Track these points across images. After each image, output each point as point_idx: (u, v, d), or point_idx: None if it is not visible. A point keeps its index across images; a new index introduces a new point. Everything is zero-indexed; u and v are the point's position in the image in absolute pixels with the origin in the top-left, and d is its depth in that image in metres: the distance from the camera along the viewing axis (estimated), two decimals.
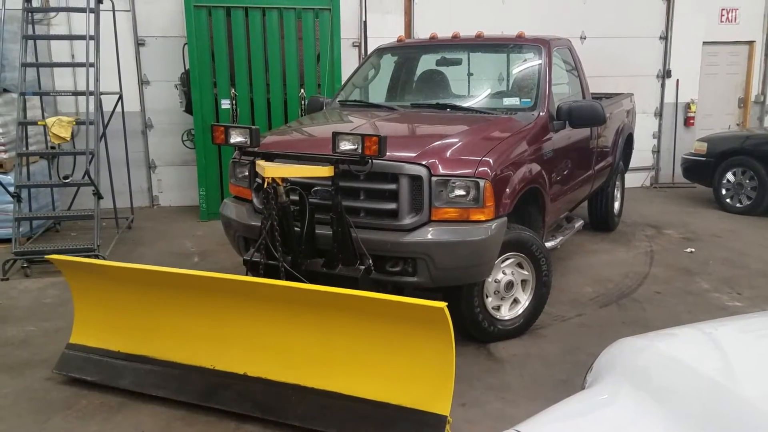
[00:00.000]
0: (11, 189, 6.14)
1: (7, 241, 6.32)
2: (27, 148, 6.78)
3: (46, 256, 3.94)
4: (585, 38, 9.53)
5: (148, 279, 3.65)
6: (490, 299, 4.27)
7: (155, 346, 3.68)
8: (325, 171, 3.71)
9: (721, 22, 10.20)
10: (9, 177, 6.51)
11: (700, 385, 1.82)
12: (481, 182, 3.81)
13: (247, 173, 4.45)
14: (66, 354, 3.88)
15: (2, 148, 6.68)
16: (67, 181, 6.56)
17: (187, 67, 7.79)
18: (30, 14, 6.75)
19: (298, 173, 3.75)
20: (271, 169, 3.63)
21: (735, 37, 10.34)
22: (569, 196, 5.44)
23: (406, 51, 6.09)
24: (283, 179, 3.70)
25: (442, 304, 2.84)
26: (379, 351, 3.14)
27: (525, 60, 5.41)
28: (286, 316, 3.33)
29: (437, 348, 2.97)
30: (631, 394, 1.87)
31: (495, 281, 4.26)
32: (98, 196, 6.20)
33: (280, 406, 3.31)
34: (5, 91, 6.75)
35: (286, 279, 3.66)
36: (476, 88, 5.85)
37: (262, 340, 3.42)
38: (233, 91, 7.73)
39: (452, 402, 3.50)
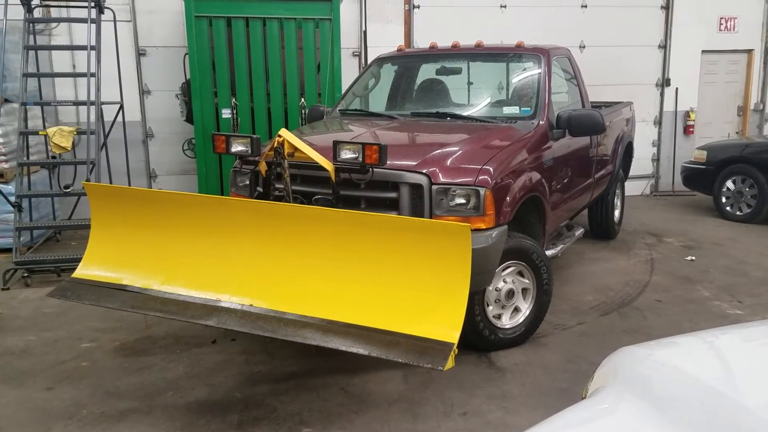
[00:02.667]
0: (12, 198, 6.15)
1: (8, 250, 6.32)
2: (28, 158, 6.79)
3: (82, 182, 3.93)
4: (584, 47, 9.56)
5: (167, 201, 3.65)
6: (490, 308, 4.27)
7: (160, 280, 3.61)
8: (330, 167, 3.76)
9: (720, 30, 10.23)
10: (10, 186, 6.53)
11: (701, 393, 1.82)
12: (482, 190, 3.82)
13: (248, 182, 4.45)
14: (64, 284, 3.79)
15: (3, 157, 6.70)
16: (67, 190, 6.56)
17: (188, 76, 7.81)
18: (31, 25, 6.78)
19: (308, 152, 3.76)
20: (286, 132, 3.66)
21: (734, 46, 10.37)
22: (569, 204, 5.44)
23: (406, 60, 6.12)
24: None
25: (467, 224, 2.84)
26: (393, 276, 3.09)
27: (524, 69, 5.43)
28: (297, 243, 3.31)
29: (454, 270, 2.91)
30: (633, 403, 1.87)
31: (496, 290, 4.26)
32: None
33: (282, 330, 3.22)
34: (6, 101, 6.77)
35: None
36: (476, 96, 5.87)
37: (270, 273, 3.39)
38: (234, 100, 7.74)
39: (453, 411, 3.50)
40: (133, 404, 3.68)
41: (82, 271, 3.80)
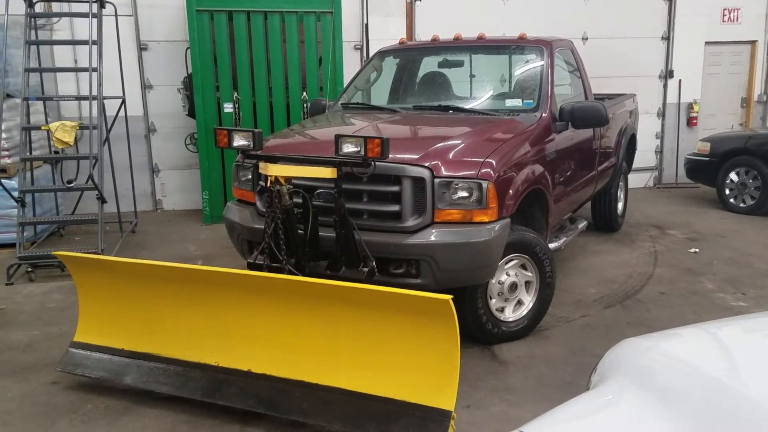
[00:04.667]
0: (15, 194, 6.16)
1: (12, 245, 6.34)
2: (31, 153, 6.80)
3: (53, 252, 3.95)
4: (587, 39, 9.53)
5: (152, 274, 3.64)
6: (493, 301, 4.27)
7: (159, 344, 3.67)
8: (328, 172, 3.70)
9: (723, 21, 10.18)
10: (13, 182, 6.53)
11: (704, 385, 1.81)
12: (484, 183, 3.81)
13: (250, 176, 4.45)
14: (70, 352, 3.87)
15: (6, 153, 6.70)
16: (70, 185, 6.57)
17: (190, 71, 7.81)
18: (33, 20, 6.77)
19: (302, 173, 3.73)
20: (274, 168, 3.62)
21: (737, 37, 10.32)
22: (572, 197, 5.43)
23: (408, 53, 6.10)
24: (287, 180, 3.71)
25: (447, 297, 2.83)
26: (384, 346, 3.13)
27: (527, 61, 5.41)
28: (290, 311, 3.32)
29: (442, 341, 2.95)
30: (636, 395, 1.87)
31: (499, 283, 4.25)
32: (102, 200, 6.22)
33: (283, 402, 3.29)
34: (8, 96, 6.77)
35: None
36: (478, 89, 5.85)
37: (266, 337, 3.42)
38: (236, 94, 7.75)
39: (457, 404, 3.50)
40: (137, 398, 3.69)
41: (81, 337, 3.90)
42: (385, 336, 3.13)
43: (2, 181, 6.15)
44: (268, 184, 3.66)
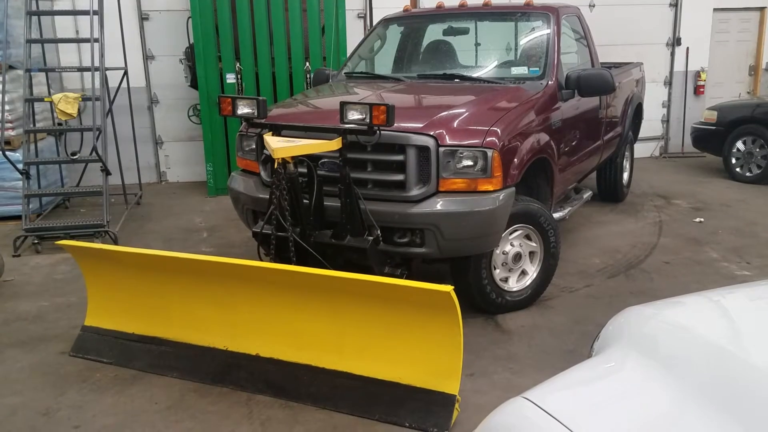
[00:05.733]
0: (20, 166, 6.17)
1: (18, 218, 6.37)
2: (34, 125, 6.79)
3: (56, 242, 3.98)
4: (594, 6, 9.38)
5: (158, 264, 3.67)
6: (497, 271, 4.28)
7: (168, 328, 3.73)
8: (334, 145, 3.68)
9: None
10: (17, 154, 6.53)
11: (707, 352, 1.82)
12: (489, 152, 3.79)
13: (254, 146, 4.43)
14: (82, 336, 3.93)
15: (10, 125, 6.69)
16: (75, 157, 6.57)
17: (192, 41, 7.74)
18: None
19: (308, 150, 3.68)
20: (280, 150, 3.57)
21: (746, 3, 10.14)
22: (578, 166, 5.40)
23: (413, 21, 6.02)
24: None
25: (449, 288, 2.86)
26: (389, 333, 3.17)
27: (533, 28, 5.34)
28: (297, 298, 3.35)
29: (445, 330, 3.00)
30: (639, 362, 1.87)
31: (503, 253, 4.26)
32: (106, 172, 6.22)
33: (292, 385, 3.35)
34: (11, 68, 6.74)
35: (295, 251, 3.67)
36: (484, 57, 5.78)
37: (274, 322, 3.45)
38: (238, 65, 7.69)
39: (460, 373, 3.53)
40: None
41: (91, 321, 3.95)
42: (390, 324, 3.16)
43: (7, 153, 6.15)
44: (276, 165, 3.63)
